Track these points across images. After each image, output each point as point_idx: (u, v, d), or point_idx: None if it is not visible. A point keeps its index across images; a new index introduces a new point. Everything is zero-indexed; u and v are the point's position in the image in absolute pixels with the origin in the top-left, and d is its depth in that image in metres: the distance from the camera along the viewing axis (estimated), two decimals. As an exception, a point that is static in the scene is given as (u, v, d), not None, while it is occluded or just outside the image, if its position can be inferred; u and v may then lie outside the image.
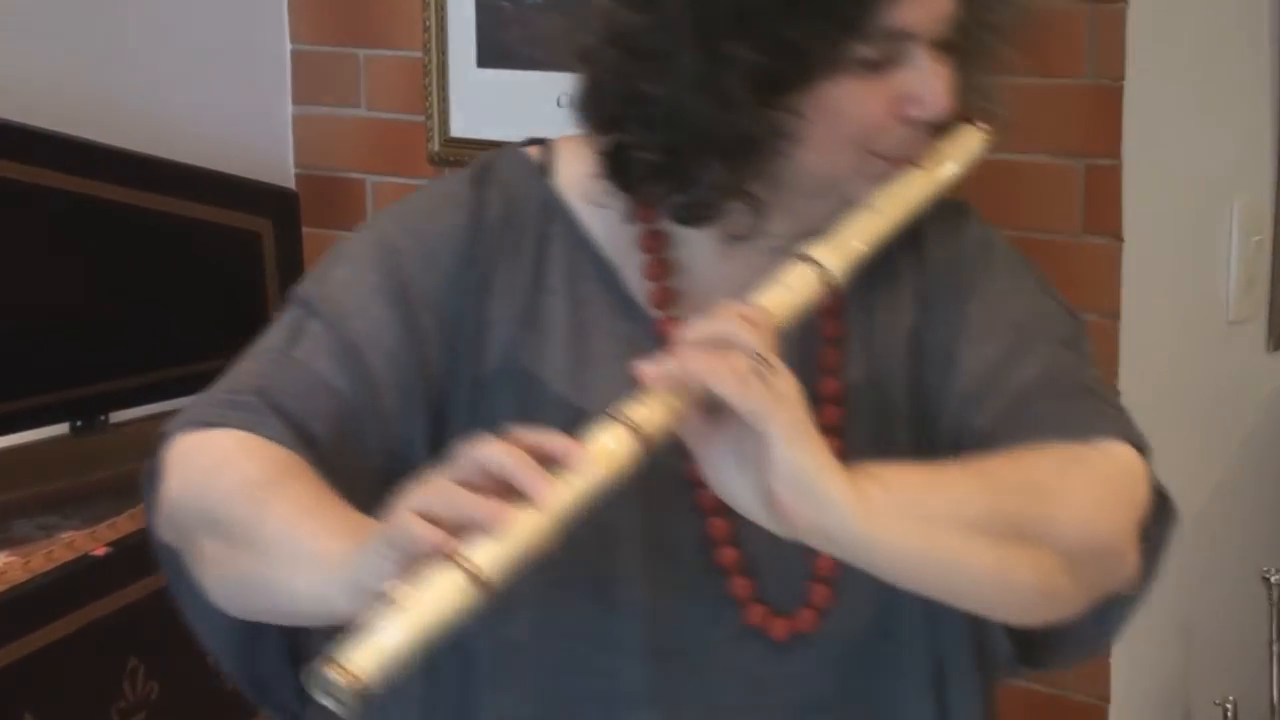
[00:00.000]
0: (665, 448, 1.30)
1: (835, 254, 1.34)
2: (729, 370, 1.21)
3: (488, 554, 1.16)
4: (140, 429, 2.92)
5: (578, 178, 1.45)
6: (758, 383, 1.21)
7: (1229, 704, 2.63)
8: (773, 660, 1.42)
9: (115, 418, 2.92)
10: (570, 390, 1.41)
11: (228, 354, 1.46)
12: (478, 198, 1.46)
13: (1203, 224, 2.66)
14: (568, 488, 1.19)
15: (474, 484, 1.18)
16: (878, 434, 1.41)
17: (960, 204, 1.49)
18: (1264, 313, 2.74)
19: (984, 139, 1.45)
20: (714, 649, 1.41)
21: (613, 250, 1.45)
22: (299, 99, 3.25)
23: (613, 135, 1.39)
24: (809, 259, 1.34)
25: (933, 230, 1.46)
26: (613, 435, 1.22)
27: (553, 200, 1.46)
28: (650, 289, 1.44)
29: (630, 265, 1.45)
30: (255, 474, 1.33)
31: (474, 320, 1.43)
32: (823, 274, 1.33)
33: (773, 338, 1.26)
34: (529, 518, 1.17)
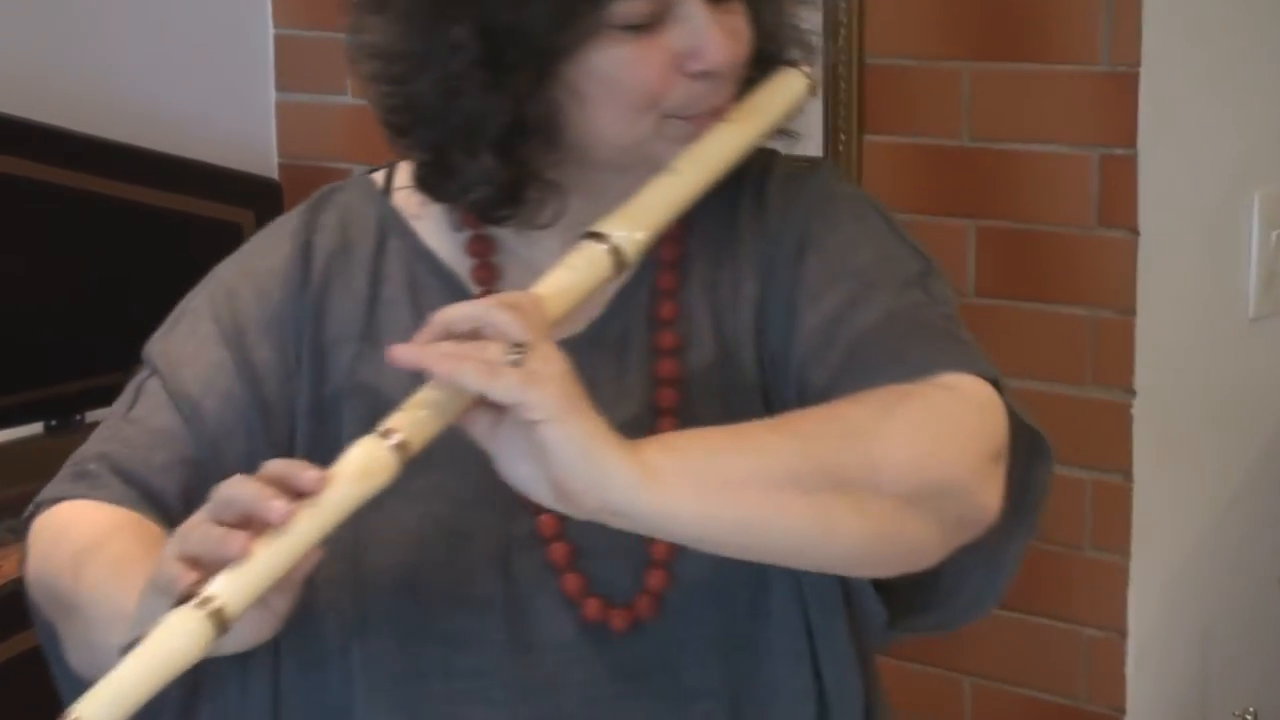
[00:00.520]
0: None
1: (623, 224, 1.34)
2: (475, 363, 1.22)
3: (225, 584, 1.22)
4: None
5: (415, 192, 1.48)
6: (509, 370, 1.22)
7: (1249, 714, 2.63)
8: (627, 651, 1.42)
9: (91, 417, 2.90)
10: None
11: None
12: (309, 224, 1.50)
13: (1222, 216, 2.65)
14: (314, 510, 1.24)
15: (226, 521, 1.24)
16: (731, 413, 1.39)
17: (811, 161, 1.50)
18: (1286, 309, 2.73)
19: (805, 82, 1.44)
20: (567, 645, 1.42)
21: (450, 259, 1.47)
22: (283, 85, 3.24)
23: (398, 145, 1.43)
24: (595, 234, 1.34)
25: (774, 194, 1.46)
26: (367, 449, 1.26)
27: (390, 215, 1.49)
28: (480, 293, 1.46)
29: (466, 271, 1.48)
30: (80, 541, 1.39)
31: (311, 346, 1.46)
32: (611, 247, 1.33)
33: (540, 320, 1.26)
34: (272, 544, 1.23)
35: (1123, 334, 2.52)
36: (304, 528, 1.24)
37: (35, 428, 2.87)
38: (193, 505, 1.32)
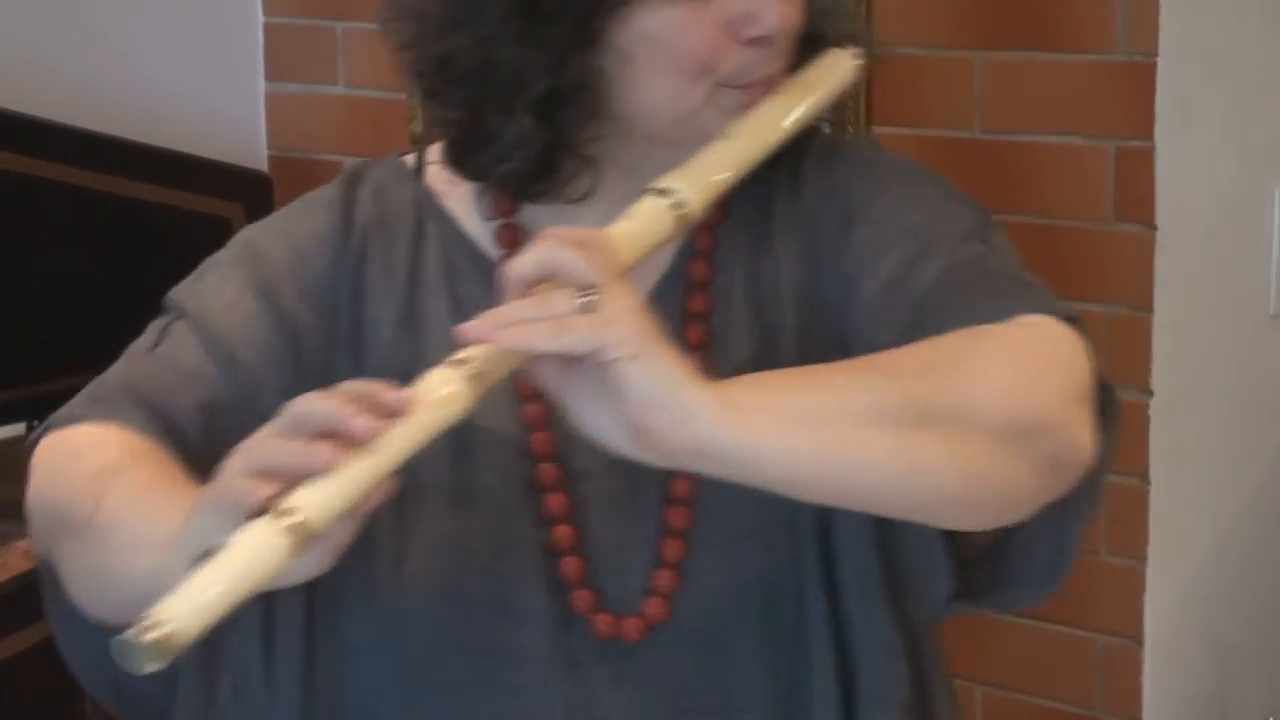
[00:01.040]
0: (514, 456, 1.39)
1: (685, 180, 1.33)
2: (545, 325, 1.21)
3: (308, 497, 1.19)
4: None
5: (451, 175, 1.47)
6: (579, 320, 1.20)
7: (1268, 723, 2.62)
8: (649, 659, 1.41)
9: (75, 417, 2.90)
10: None
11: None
12: (347, 198, 1.49)
13: (1241, 211, 2.64)
14: (400, 429, 1.21)
15: (301, 436, 1.21)
16: None
17: (843, 139, 1.51)
18: (1307, 306, 2.73)
19: (855, 63, 1.44)
20: (595, 659, 1.40)
21: (487, 245, 1.46)
22: (272, 76, 3.24)
23: (433, 109, 1.42)
24: (657, 190, 1.33)
25: (810, 174, 1.45)
26: (445, 376, 1.24)
27: (425, 199, 1.48)
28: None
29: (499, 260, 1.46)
30: (101, 463, 1.36)
31: (350, 320, 1.45)
32: (674, 202, 1.32)
33: (610, 258, 1.25)
34: (357, 460, 1.20)
35: (1139, 332, 2.52)
36: (389, 446, 1.21)
37: (17, 428, 2.84)
38: (216, 450, 1.29)
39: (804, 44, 1.41)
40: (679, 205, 1.32)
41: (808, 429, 1.24)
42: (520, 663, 1.40)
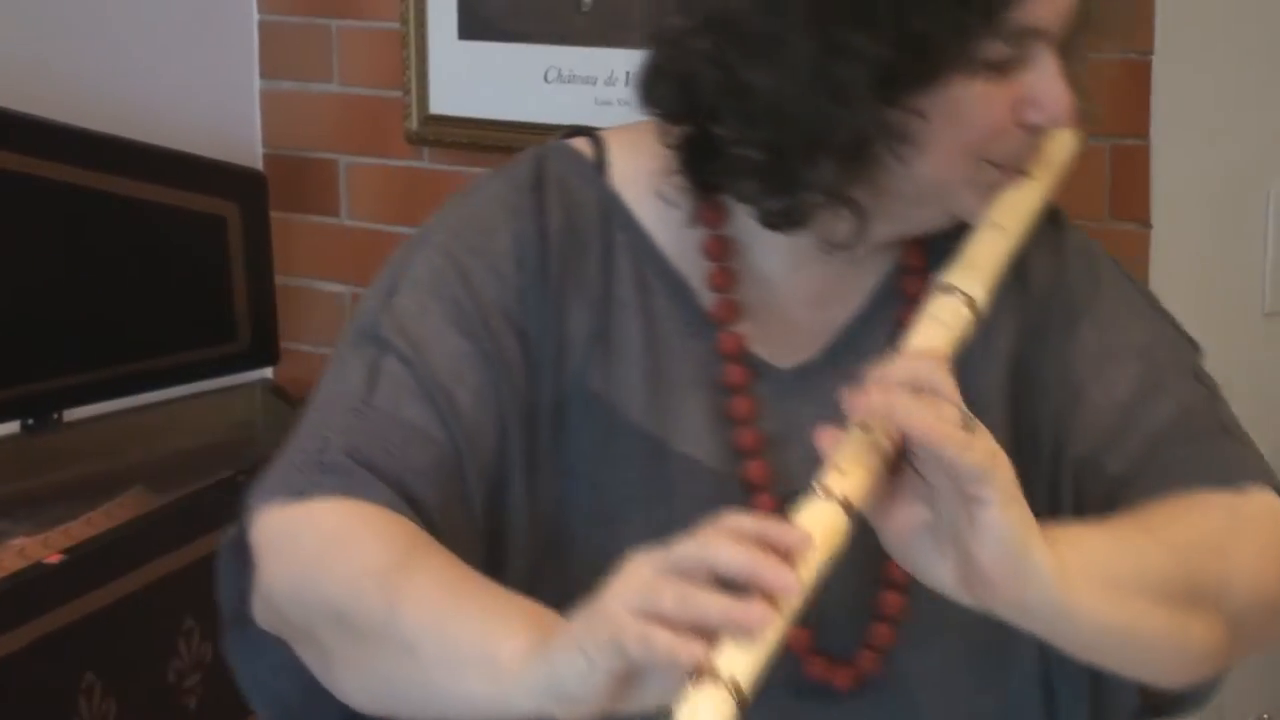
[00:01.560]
0: (721, 487, 1.35)
1: (978, 282, 1.34)
2: (950, 426, 1.18)
3: (738, 661, 1.11)
4: (95, 428, 2.92)
5: (635, 175, 1.44)
6: (976, 439, 1.19)
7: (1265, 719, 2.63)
8: (855, 713, 1.40)
9: (69, 416, 2.91)
10: (648, 419, 1.40)
11: (189, 348, 1.42)
12: (537, 204, 1.43)
13: (1237, 209, 2.65)
14: (805, 574, 1.15)
15: (694, 579, 1.14)
16: None
17: (1053, 211, 1.47)
18: (1303, 305, 2.74)
19: (1078, 142, 1.44)
20: (792, 707, 1.38)
21: (678, 258, 1.43)
22: (267, 73, 3.24)
23: (699, 128, 1.37)
24: (954, 289, 1.33)
25: (1032, 246, 1.43)
26: (824, 513, 1.18)
27: (612, 202, 1.44)
28: (715, 300, 1.42)
29: (696, 274, 1.43)
30: (377, 556, 1.28)
31: (554, 339, 1.41)
32: (971, 305, 1.32)
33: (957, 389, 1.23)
34: (772, 620, 1.12)
35: (1134, 330, 2.53)
36: (795, 602, 1.13)
37: (11, 426, 2.86)
38: (449, 513, 1.27)
39: None
40: (972, 304, 1.32)
41: (1113, 599, 1.25)
42: None
